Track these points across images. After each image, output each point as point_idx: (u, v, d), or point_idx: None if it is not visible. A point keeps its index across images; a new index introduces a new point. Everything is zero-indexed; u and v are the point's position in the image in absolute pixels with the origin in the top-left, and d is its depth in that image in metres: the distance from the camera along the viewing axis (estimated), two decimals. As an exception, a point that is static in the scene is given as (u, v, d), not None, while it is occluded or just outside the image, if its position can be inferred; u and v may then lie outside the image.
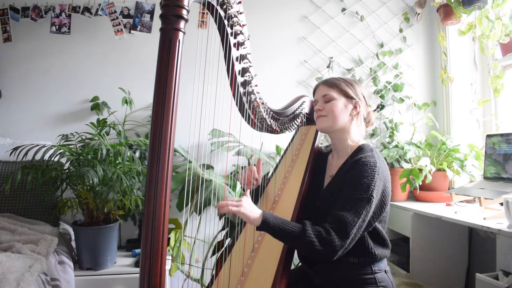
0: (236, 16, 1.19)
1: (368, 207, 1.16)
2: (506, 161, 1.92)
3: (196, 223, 2.28)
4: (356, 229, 1.14)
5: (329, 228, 1.13)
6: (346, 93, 1.34)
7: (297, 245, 1.17)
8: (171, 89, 0.89)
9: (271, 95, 1.61)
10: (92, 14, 2.48)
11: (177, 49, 0.90)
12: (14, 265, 1.42)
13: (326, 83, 1.38)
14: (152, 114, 0.90)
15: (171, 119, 0.89)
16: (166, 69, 0.89)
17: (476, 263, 2.15)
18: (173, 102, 0.90)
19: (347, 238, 1.13)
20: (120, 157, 1.76)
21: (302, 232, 1.12)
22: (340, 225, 1.13)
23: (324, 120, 1.35)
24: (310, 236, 1.11)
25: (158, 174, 0.88)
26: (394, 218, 2.26)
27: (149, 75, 2.51)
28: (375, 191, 1.18)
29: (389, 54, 2.70)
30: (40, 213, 2.02)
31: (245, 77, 1.29)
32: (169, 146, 0.89)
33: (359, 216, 1.15)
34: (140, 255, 0.90)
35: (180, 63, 0.91)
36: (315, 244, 1.11)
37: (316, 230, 1.13)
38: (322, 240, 1.11)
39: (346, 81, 1.38)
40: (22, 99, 2.45)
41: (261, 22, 2.61)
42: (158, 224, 0.89)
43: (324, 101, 1.35)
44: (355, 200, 1.17)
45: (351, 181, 1.22)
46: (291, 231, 1.13)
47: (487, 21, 2.11)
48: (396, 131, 2.58)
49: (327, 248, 1.11)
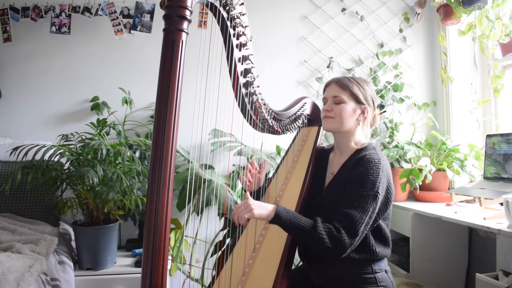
0: (239, 17, 1.19)
1: (374, 203, 1.18)
2: (506, 161, 1.93)
3: (197, 223, 2.28)
4: (363, 227, 1.16)
5: (339, 226, 1.15)
6: (357, 97, 1.34)
7: (307, 240, 1.17)
8: (174, 89, 0.89)
9: (271, 95, 1.62)
10: (92, 14, 2.48)
11: (180, 50, 0.90)
12: (14, 265, 1.42)
13: (338, 83, 1.36)
14: (155, 114, 0.90)
15: (173, 119, 0.89)
16: (169, 70, 0.89)
17: (476, 263, 2.16)
18: (175, 103, 0.90)
19: (356, 236, 1.15)
20: (120, 157, 1.76)
21: (313, 228, 1.14)
22: (349, 223, 1.15)
23: (331, 122, 1.35)
24: (320, 232, 1.13)
25: (160, 174, 0.89)
26: (394, 218, 2.26)
27: (149, 75, 2.51)
28: (381, 187, 1.20)
29: (389, 54, 2.70)
30: (40, 213, 2.02)
31: (247, 78, 1.29)
32: (172, 146, 0.90)
33: (366, 213, 1.16)
34: (142, 254, 0.90)
35: (183, 64, 0.91)
36: (325, 240, 1.12)
37: (327, 227, 1.15)
38: (332, 238, 1.13)
39: (359, 84, 1.36)
40: (22, 99, 2.45)
41: (261, 22, 2.61)
42: (160, 224, 0.89)
43: (334, 102, 1.35)
44: (361, 197, 1.18)
45: (356, 179, 1.23)
46: (302, 226, 1.14)
47: (487, 21, 2.12)
48: (396, 131, 2.58)
49: (337, 246, 1.13)
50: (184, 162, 2.29)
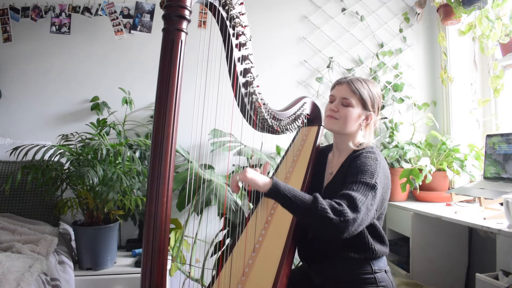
0: (238, 17, 1.19)
1: (373, 192, 1.14)
2: (506, 161, 1.93)
3: (197, 223, 2.28)
4: (365, 208, 1.10)
5: (340, 201, 1.09)
6: (365, 104, 1.33)
7: (307, 214, 1.08)
8: (173, 89, 0.89)
9: (271, 95, 1.62)
10: (92, 14, 2.48)
11: (179, 50, 0.90)
12: (14, 265, 1.42)
13: (350, 86, 1.33)
14: (154, 114, 0.90)
15: (173, 119, 0.89)
16: (168, 70, 0.89)
17: (476, 263, 2.16)
18: (175, 102, 0.90)
19: (359, 212, 1.07)
20: (120, 157, 1.76)
21: (314, 200, 1.07)
22: (350, 200, 1.10)
23: (334, 123, 1.35)
24: (322, 204, 1.05)
25: (160, 173, 0.89)
26: (394, 218, 2.26)
27: (149, 75, 2.51)
28: (379, 180, 1.18)
29: (389, 54, 2.70)
30: (40, 213, 2.02)
31: (247, 78, 1.29)
32: (171, 146, 0.90)
33: (366, 197, 1.12)
34: (142, 254, 0.90)
35: (182, 63, 0.91)
36: (327, 212, 1.04)
37: (328, 201, 1.08)
38: (334, 210, 1.06)
39: (370, 89, 1.34)
40: (22, 99, 2.45)
41: (261, 22, 2.61)
42: (160, 224, 0.89)
43: (342, 103, 1.33)
44: (360, 183, 1.15)
45: (354, 170, 1.22)
46: (302, 199, 1.08)
47: (487, 21, 2.12)
48: (396, 131, 2.58)
49: (340, 218, 1.05)
50: (184, 162, 2.30)
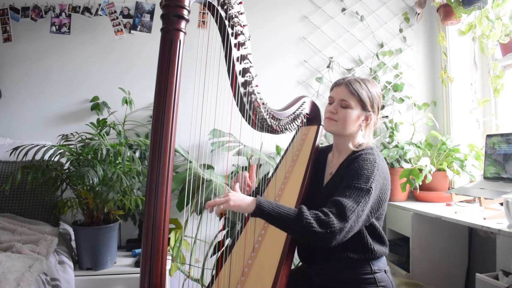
0: (237, 17, 1.19)
1: (367, 197, 1.15)
2: (506, 161, 1.93)
3: (196, 223, 2.28)
4: (355, 216, 1.11)
5: (327, 211, 1.10)
6: (364, 105, 1.33)
7: (294, 228, 1.10)
8: (172, 89, 0.89)
9: (271, 95, 1.62)
10: (92, 14, 2.48)
11: (178, 50, 0.90)
12: (14, 265, 1.42)
13: (349, 87, 1.33)
14: (153, 114, 0.90)
15: (172, 119, 0.89)
16: (167, 70, 0.89)
17: (476, 263, 2.15)
18: (174, 102, 0.90)
19: (346, 221, 1.09)
20: (120, 157, 1.76)
21: (298, 214, 1.08)
22: (339, 209, 1.11)
23: (334, 125, 1.35)
24: (307, 218, 1.07)
25: (159, 174, 0.89)
26: (394, 218, 2.26)
27: (149, 75, 2.51)
28: (374, 184, 1.18)
29: (389, 54, 2.70)
30: (40, 213, 2.02)
31: (246, 78, 1.29)
32: (170, 146, 0.90)
33: (358, 204, 1.13)
34: (141, 254, 0.90)
35: (181, 63, 0.91)
36: (312, 226, 1.06)
37: (314, 213, 1.10)
38: (320, 222, 1.07)
39: (369, 90, 1.34)
40: (22, 99, 2.45)
41: (261, 22, 2.61)
42: (159, 224, 0.89)
43: (341, 105, 1.33)
44: (354, 188, 1.16)
45: (351, 173, 1.22)
46: (287, 215, 1.09)
47: (487, 21, 2.11)
48: (396, 131, 2.58)
49: (326, 230, 1.06)
50: (183, 162, 2.30)
